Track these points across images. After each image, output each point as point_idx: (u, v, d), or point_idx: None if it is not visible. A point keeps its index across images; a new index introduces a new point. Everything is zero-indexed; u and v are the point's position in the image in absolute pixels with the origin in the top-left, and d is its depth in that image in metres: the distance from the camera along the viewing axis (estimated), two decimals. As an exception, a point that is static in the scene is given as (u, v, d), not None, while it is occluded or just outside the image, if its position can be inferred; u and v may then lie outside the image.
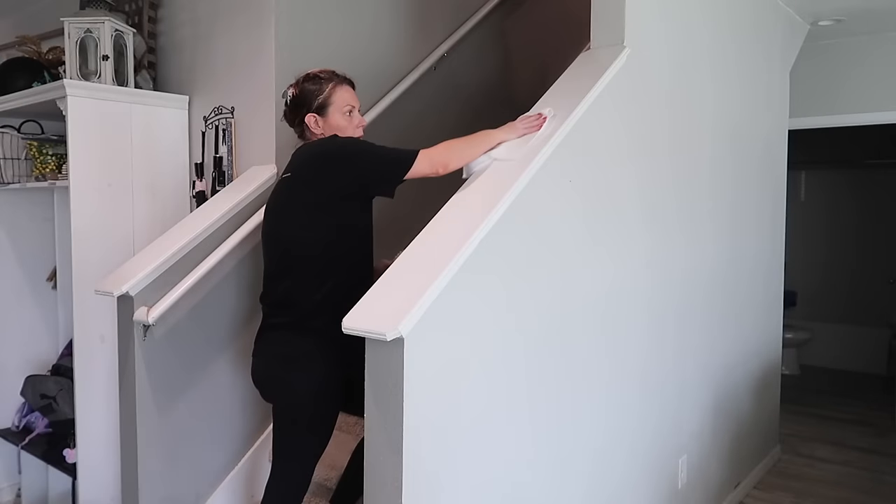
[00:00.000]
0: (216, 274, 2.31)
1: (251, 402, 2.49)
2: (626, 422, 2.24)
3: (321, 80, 1.94)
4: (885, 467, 3.63)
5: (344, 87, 1.96)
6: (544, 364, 1.83)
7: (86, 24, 2.56)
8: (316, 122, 1.93)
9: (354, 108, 1.97)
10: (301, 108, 1.94)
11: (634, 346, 2.26)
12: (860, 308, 5.77)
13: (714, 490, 2.92)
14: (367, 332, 1.39)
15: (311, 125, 1.94)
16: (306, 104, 1.93)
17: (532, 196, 1.73)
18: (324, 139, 1.91)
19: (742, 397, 3.18)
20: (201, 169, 2.73)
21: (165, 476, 2.24)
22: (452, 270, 1.47)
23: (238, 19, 2.57)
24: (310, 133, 1.96)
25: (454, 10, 3.27)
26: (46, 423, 3.03)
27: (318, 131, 1.94)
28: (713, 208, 2.79)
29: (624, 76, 2.06)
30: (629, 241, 2.19)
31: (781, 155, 3.59)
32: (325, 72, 1.97)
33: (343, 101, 1.94)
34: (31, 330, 3.28)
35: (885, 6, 3.39)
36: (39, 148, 2.82)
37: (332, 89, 1.93)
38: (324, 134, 1.94)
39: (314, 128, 1.94)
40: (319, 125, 1.93)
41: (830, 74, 4.07)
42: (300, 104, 1.94)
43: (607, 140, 2.04)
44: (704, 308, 2.76)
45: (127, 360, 2.18)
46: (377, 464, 1.44)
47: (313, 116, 1.93)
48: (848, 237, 5.84)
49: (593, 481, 2.09)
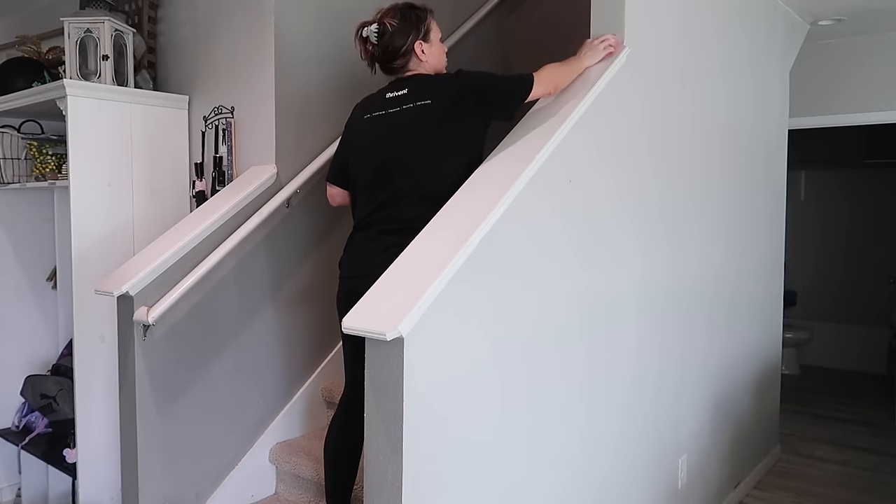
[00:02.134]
0: (216, 274, 2.32)
1: (251, 402, 2.49)
2: (626, 422, 2.24)
3: (417, 8, 1.99)
4: (885, 467, 3.63)
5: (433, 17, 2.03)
6: (544, 363, 1.83)
7: (86, 24, 2.56)
8: (423, 50, 1.96)
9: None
10: (405, 37, 1.95)
11: (633, 346, 2.26)
12: (860, 308, 5.77)
13: (714, 490, 2.92)
14: (366, 331, 1.39)
15: (418, 53, 1.96)
16: (414, 31, 1.95)
17: (532, 196, 1.73)
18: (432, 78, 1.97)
19: (742, 397, 3.18)
20: (201, 169, 2.73)
21: (165, 476, 2.24)
22: (452, 270, 1.47)
23: (238, 19, 2.57)
24: (415, 61, 1.97)
25: (454, 10, 3.27)
26: (46, 423, 3.03)
27: (423, 59, 1.97)
28: (713, 208, 2.79)
29: (624, 76, 2.07)
30: (628, 241, 2.19)
31: (781, 155, 3.59)
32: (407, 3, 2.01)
33: (437, 29, 2.03)
34: (31, 330, 3.28)
35: (885, 6, 3.39)
36: (39, 148, 2.82)
37: (431, 17, 2.00)
38: (428, 62, 1.98)
39: (421, 56, 1.97)
40: (425, 53, 1.97)
41: (830, 74, 4.07)
42: (403, 33, 1.94)
43: (607, 140, 2.04)
44: (704, 307, 2.76)
45: (127, 360, 2.18)
46: (377, 464, 1.44)
47: (421, 44, 1.96)
48: (848, 237, 5.84)
49: (593, 481, 2.09)
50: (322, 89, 2.62)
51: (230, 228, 2.34)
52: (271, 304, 2.54)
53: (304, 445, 2.55)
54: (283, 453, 2.51)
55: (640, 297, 2.28)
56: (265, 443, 2.54)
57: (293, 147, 2.54)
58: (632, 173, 2.19)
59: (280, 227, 2.52)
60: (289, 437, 2.62)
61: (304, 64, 2.56)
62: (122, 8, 2.85)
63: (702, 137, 2.66)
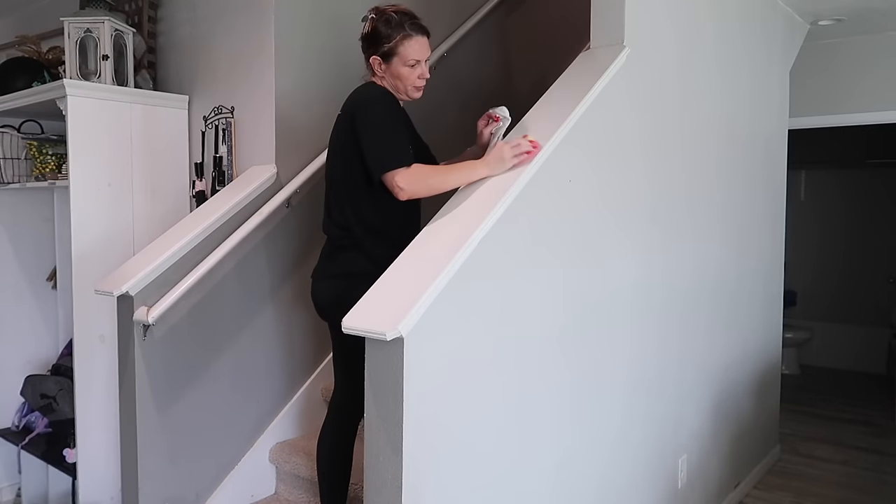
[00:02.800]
0: (216, 274, 2.32)
1: (251, 402, 2.49)
2: (626, 421, 2.24)
3: (392, 25, 1.91)
4: (885, 467, 3.63)
5: (414, 39, 1.92)
6: (544, 364, 1.83)
7: (86, 24, 2.56)
8: (380, 66, 1.95)
9: (420, 61, 1.95)
10: (367, 46, 1.95)
11: (633, 346, 2.26)
12: (860, 308, 5.77)
13: (714, 490, 2.92)
14: (366, 331, 1.39)
15: (374, 67, 1.96)
16: (374, 45, 1.94)
17: (532, 196, 1.73)
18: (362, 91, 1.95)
19: (742, 397, 3.18)
20: (201, 169, 2.73)
21: (165, 476, 2.24)
22: (452, 270, 1.47)
23: (238, 19, 2.57)
24: (371, 73, 1.98)
25: (454, 10, 3.27)
26: (46, 422, 3.03)
27: (379, 74, 1.96)
28: (713, 208, 2.79)
29: (624, 76, 2.07)
30: (629, 241, 2.19)
31: (781, 155, 3.59)
32: (401, 13, 1.93)
33: (409, 55, 1.92)
34: (31, 330, 3.28)
35: (885, 6, 3.39)
36: (39, 148, 2.82)
37: (400, 40, 1.90)
38: (384, 78, 1.96)
39: (377, 70, 1.96)
40: (382, 69, 1.95)
41: (830, 74, 4.07)
42: (369, 43, 1.95)
43: (607, 140, 2.04)
44: (704, 307, 2.76)
45: (127, 360, 2.18)
46: (377, 464, 1.44)
47: (378, 60, 1.94)
48: (848, 237, 5.84)
49: (593, 481, 2.09)
50: (322, 89, 2.62)
51: (230, 228, 2.34)
52: (271, 304, 2.54)
53: (304, 445, 2.54)
54: (282, 453, 2.51)
55: (641, 297, 2.28)
56: (265, 443, 2.54)
57: (293, 147, 2.54)
58: (631, 173, 2.19)
59: (280, 227, 2.52)
60: (288, 437, 2.62)
61: (304, 64, 2.57)
62: (122, 8, 2.85)
63: (701, 137, 2.66)
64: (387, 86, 1.97)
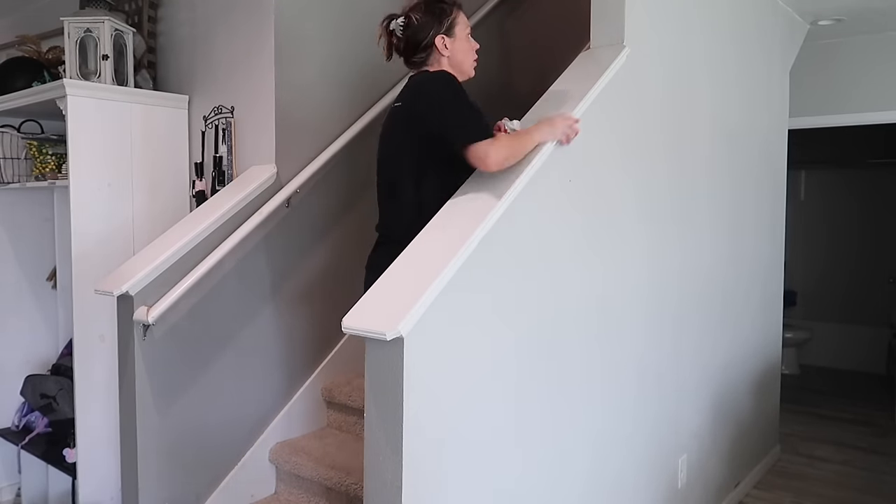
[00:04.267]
0: (216, 274, 2.31)
1: (251, 402, 2.49)
2: (626, 422, 2.24)
3: (445, 1, 1.94)
4: (885, 467, 3.63)
5: (461, 11, 1.97)
6: (543, 364, 1.83)
7: (86, 24, 2.56)
8: (444, 45, 1.93)
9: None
10: (427, 31, 1.92)
11: (633, 346, 2.26)
12: (860, 307, 5.77)
13: (714, 489, 2.92)
14: (366, 331, 1.39)
15: (440, 48, 1.93)
16: (436, 25, 1.92)
17: (532, 195, 1.73)
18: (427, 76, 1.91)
19: (742, 397, 3.18)
20: (201, 169, 2.73)
21: (165, 476, 2.24)
22: (452, 270, 1.47)
23: (238, 18, 2.57)
24: (436, 56, 1.94)
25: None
26: (46, 422, 3.03)
27: (445, 54, 1.93)
28: (712, 208, 2.79)
29: (624, 76, 2.07)
30: (628, 241, 2.19)
31: (781, 155, 3.59)
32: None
33: (466, 24, 1.96)
34: (31, 330, 3.28)
35: (885, 6, 3.39)
36: (39, 147, 2.82)
37: (457, 11, 1.95)
38: (451, 56, 1.94)
39: (443, 50, 1.93)
40: (447, 49, 1.93)
41: (830, 74, 4.07)
42: (426, 26, 1.92)
43: (607, 139, 2.04)
44: (704, 308, 2.76)
45: (127, 360, 2.18)
46: (377, 464, 1.44)
47: (443, 39, 1.92)
48: (848, 236, 5.84)
49: (593, 481, 2.09)
50: (322, 89, 2.62)
51: (230, 228, 2.34)
52: (271, 304, 2.54)
53: (304, 445, 2.55)
54: (283, 453, 2.51)
55: (641, 298, 2.28)
56: (265, 443, 2.54)
57: (293, 147, 2.54)
58: (631, 173, 2.19)
59: (280, 227, 2.52)
60: (289, 437, 2.62)
61: (305, 63, 2.56)
62: (122, 8, 2.85)
63: (702, 137, 2.66)
64: (446, 68, 1.94)
